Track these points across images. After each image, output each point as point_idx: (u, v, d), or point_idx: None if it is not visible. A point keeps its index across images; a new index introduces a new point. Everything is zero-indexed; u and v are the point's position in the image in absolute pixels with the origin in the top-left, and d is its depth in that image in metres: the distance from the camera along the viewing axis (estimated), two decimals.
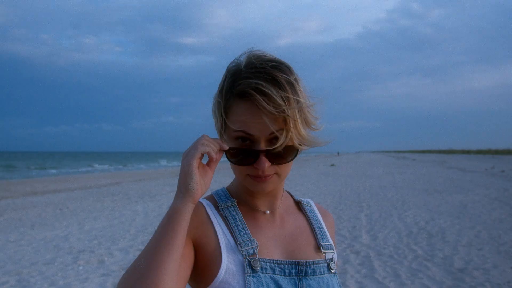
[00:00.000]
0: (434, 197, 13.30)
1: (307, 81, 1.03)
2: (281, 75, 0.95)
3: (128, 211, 11.15)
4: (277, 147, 0.96)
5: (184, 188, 0.92)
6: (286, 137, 0.95)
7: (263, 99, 0.92)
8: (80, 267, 5.97)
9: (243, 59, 1.01)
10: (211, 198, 1.13)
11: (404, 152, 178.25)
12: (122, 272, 5.66)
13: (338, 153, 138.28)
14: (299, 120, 0.95)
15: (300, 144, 0.98)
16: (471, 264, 5.92)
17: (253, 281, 0.97)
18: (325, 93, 1.04)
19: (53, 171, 44.55)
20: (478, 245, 6.98)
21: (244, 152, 0.97)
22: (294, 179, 21.87)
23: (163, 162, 73.13)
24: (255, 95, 0.93)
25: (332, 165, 38.97)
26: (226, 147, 0.98)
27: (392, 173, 26.11)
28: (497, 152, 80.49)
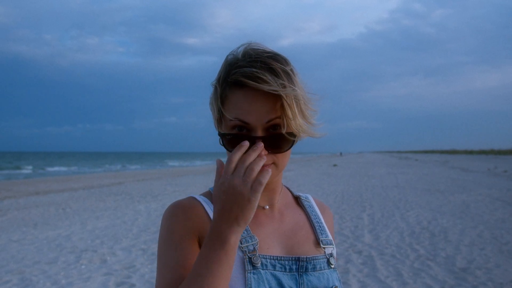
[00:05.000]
0: (437, 197, 13.27)
1: (310, 81, 1.03)
2: (276, 64, 0.95)
3: (130, 210, 11.17)
4: (274, 133, 0.95)
5: (243, 222, 0.86)
6: (283, 124, 0.94)
7: (258, 85, 0.92)
8: (83, 266, 5.98)
9: (240, 51, 1.01)
10: (208, 195, 1.11)
11: (406, 152, 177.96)
12: (125, 271, 5.68)
13: (340, 153, 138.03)
14: (295, 108, 0.95)
15: (297, 133, 0.97)
16: (473, 264, 5.91)
17: (254, 277, 0.97)
18: (325, 92, 1.04)
19: (83, 169, 46.91)
20: (480, 245, 6.97)
21: (240, 139, 0.94)
22: (297, 179, 21.87)
23: (172, 163, 74.70)
24: (251, 82, 0.93)
25: (335, 165, 38.92)
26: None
27: (395, 173, 26.06)
28: (499, 152, 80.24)
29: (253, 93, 0.94)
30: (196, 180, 22.53)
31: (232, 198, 0.85)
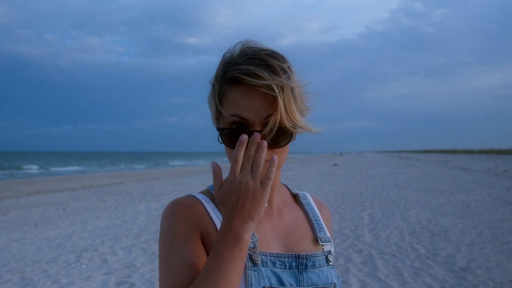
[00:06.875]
0: (437, 197, 13.27)
1: (310, 81, 1.03)
2: (274, 61, 0.96)
3: (131, 210, 11.18)
4: (272, 127, 0.95)
5: (256, 218, 0.89)
6: (281, 117, 0.95)
7: (255, 81, 0.93)
8: (83, 266, 5.99)
9: (237, 49, 1.02)
10: (207, 193, 1.11)
11: (407, 152, 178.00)
12: (125, 271, 5.68)
13: (340, 153, 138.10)
14: (293, 104, 0.96)
15: (294, 128, 0.98)
16: (473, 263, 5.91)
17: (254, 275, 0.97)
18: (325, 92, 1.04)
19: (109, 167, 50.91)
20: (480, 244, 6.97)
21: (239, 134, 0.95)
22: (297, 178, 21.88)
23: (177, 162, 76.38)
24: (248, 79, 0.93)
25: (335, 165, 38.92)
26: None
27: (395, 173, 26.06)
28: (500, 152, 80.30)
29: (250, 90, 0.95)
30: (196, 180, 22.54)
31: (244, 196, 0.87)
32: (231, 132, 0.98)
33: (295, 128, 0.98)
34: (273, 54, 0.99)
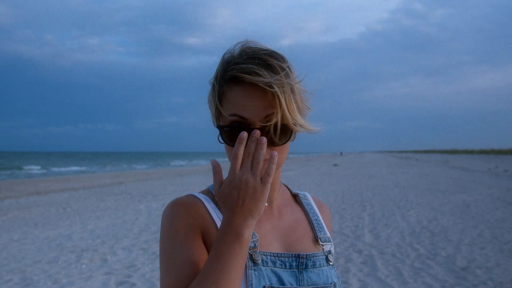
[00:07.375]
0: (437, 197, 13.27)
1: (310, 82, 1.03)
2: (273, 61, 0.96)
3: (131, 210, 11.18)
4: (272, 124, 0.95)
5: (257, 215, 0.89)
6: (281, 115, 0.95)
7: (255, 79, 0.93)
8: (83, 266, 5.99)
9: (237, 49, 1.02)
10: (208, 193, 1.11)
11: (407, 152, 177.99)
12: (125, 271, 5.68)
13: (341, 153, 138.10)
14: (292, 103, 0.96)
15: (294, 125, 0.98)
16: (473, 263, 5.91)
17: (255, 274, 0.97)
18: (325, 92, 1.05)
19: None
20: (480, 244, 6.97)
21: (238, 131, 0.94)
22: (297, 178, 21.88)
23: (179, 162, 77.25)
24: (247, 77, 0.94)
25: (335, 165, 38.94)
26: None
27: (395, 173, 26.07)
28: (500, 152, 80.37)
29: (250, 89, 0.95)
30: (196, 180, 22.54)
31: (244, 193, 0.87)
32: (231, 130, 0.98)
33: (295, 126, 0.98)
34: (273, 54, 0.99)
